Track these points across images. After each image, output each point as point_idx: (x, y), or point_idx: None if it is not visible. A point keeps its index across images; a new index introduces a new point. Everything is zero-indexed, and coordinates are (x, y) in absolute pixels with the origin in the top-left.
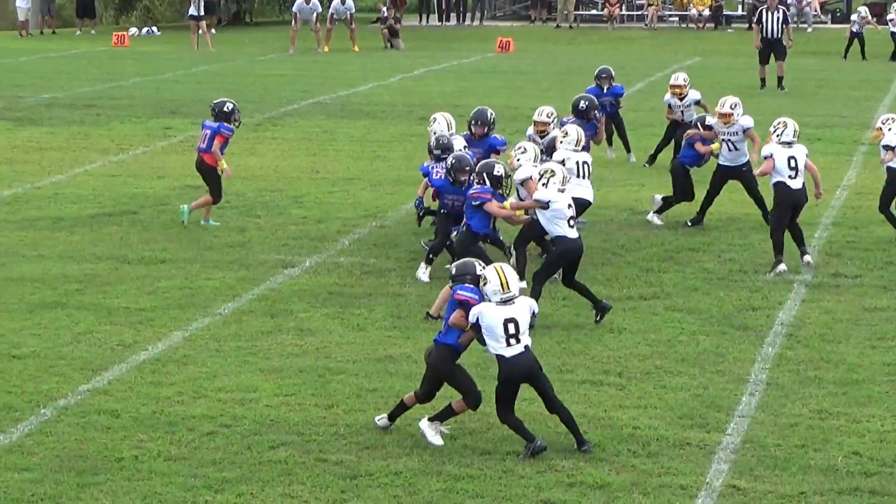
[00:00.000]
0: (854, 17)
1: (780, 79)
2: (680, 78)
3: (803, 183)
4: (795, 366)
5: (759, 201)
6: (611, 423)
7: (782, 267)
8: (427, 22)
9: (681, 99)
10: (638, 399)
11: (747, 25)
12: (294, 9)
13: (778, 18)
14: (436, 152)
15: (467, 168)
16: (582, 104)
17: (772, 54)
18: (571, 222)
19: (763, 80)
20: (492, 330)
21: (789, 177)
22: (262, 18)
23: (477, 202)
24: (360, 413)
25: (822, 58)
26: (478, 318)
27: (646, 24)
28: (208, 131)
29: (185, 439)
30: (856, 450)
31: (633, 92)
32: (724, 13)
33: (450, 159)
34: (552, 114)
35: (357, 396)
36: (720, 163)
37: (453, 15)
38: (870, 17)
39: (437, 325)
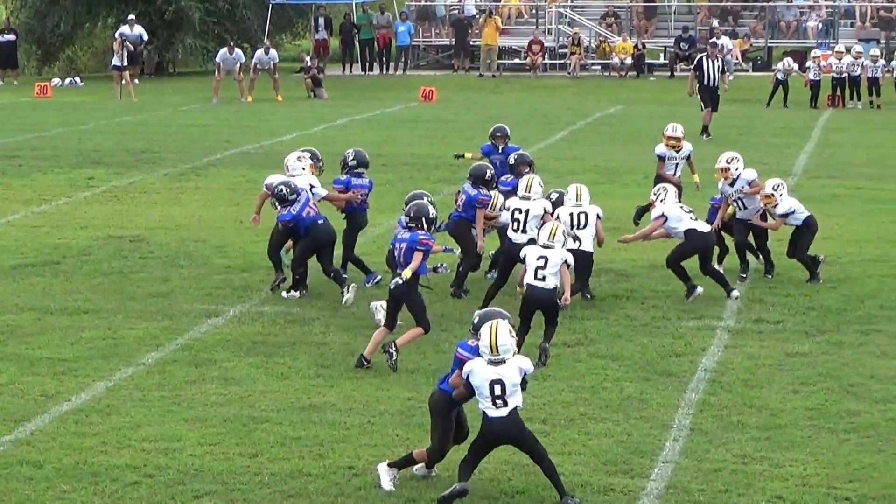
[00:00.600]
0: (780, 65)
1: (705, 127)
2: (678, 129)
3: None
4: (718, 411)
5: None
6: (536, 470)
7: (700, 290)
8: (350, 71)
9: (677, 151)
10: (562, 445)
11: (669, 74)
12: (217, 59)
13: (718, 67)
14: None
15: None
16: (511, 159)
17: (710, 99)
18: (538, 273)
19: (706, 127)
20: (479, 389)
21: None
22: (185, 69)
23: (423, 248)
24: (285, 461)
25: (743, 105)
26: (468, 376)
27: (569, 73)
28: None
29: (108, 490)
30: (779, 494)
31: (556, 140)
32: (646, 62)
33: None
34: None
35: (281, 445)
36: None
37: (376, 64)
38: (794, 67)
39: (365, 373)
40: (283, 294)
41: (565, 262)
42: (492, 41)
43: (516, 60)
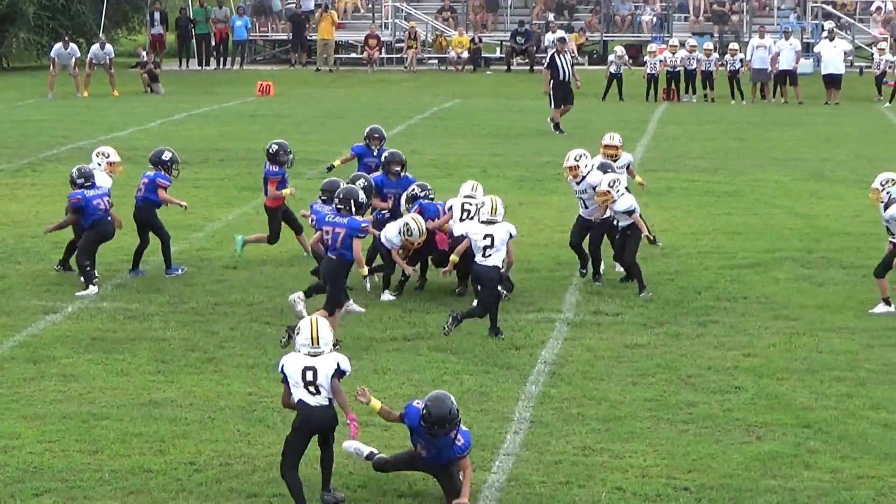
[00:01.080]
0: (611, 57)
1: (557, 124)
2: (615, 138)
3: None
4: (559, 403)
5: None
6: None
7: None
8: (187, 66)
9: (614, 160)
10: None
11: (505, 67)
12: (52, 54)
13: (570, 61)
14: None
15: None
16: (383, 157)
17: (565, 98)
18: (486, 251)
19: (557, 124)
20: (293, 377)
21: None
22: (19, 63)
23: (363, 235)
24: (125, 458)
25: (580, 99)
26: (282, 367)
27: (405, 67)
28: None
29: None
30: (619, 485)
31: (393, 135)
32: (483, 55)
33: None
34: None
35: (122, 441)
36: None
37: (213, 59)
38: (626, 58)
39: (205, 368)
40: (78, 294)
41: (510, 234)
42: (328, 35)
43: (353, 55)
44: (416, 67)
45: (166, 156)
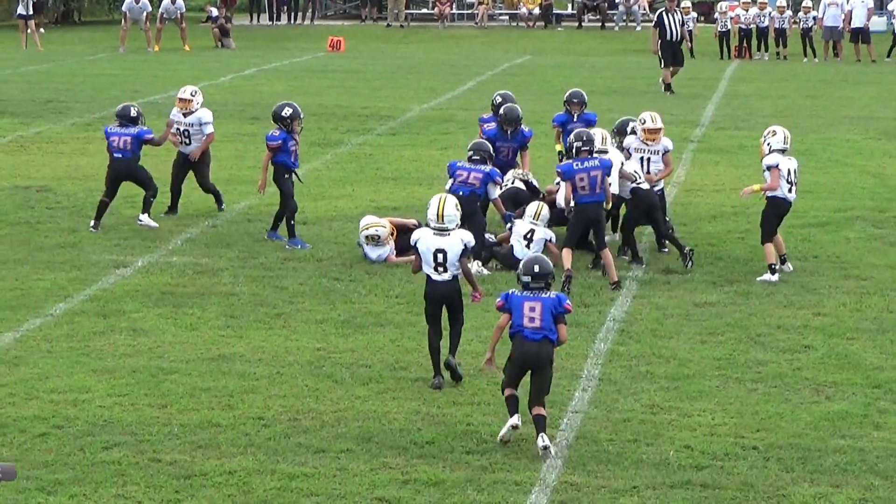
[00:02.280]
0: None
1: (668, 85)
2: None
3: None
4: (627, 361)
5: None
6: (444, 420)
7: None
8: (258, 21)
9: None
10: (472, 396)
11: (577, 24)
12: (124, 8)
13: (679, 21)
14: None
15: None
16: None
17: (674, 58)
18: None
19: (668, 84)
20: (424, 255)
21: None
22: (91, 18)
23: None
24: (194, 412)
25: (651, 56)
26: (416, 243)
27: (476, 23)
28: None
29: (16, 441)
30: (687, 444)
31: (463, 91)
32: (554, 12)
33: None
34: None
35: (190, 396)
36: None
37: (284, 14)
38: (695, 16)
39: (273, 323)
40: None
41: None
42: None
43: (424, 10)
44: (487, 23)
45: (286, 112)
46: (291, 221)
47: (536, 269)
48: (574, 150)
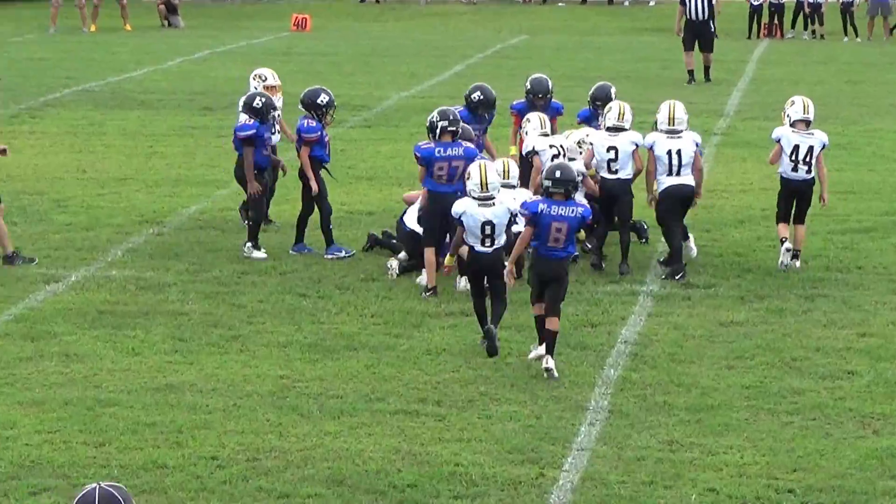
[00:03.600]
0: None
1: (706, 69)
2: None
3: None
4: (641, 390)
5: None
6: (429, 460)
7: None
8: None
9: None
10: (460, 431)
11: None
12: None
13: None
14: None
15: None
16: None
17: (697, 41)
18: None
19: (691, 71)
20: (471, 229)
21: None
22: None
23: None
24: (137, 451)
25: (666, 35)
26: (461, 215)
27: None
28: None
29: None
30: (712, 486)
31: (450, 76)
32: None
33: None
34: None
35: (133, 432)
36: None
37: None
38: None
39: (229, 348)
40: (252, 254)
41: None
42: None
43: None
44: None
45: (322, 98)
46: (329, 226)
47: (558, 174)
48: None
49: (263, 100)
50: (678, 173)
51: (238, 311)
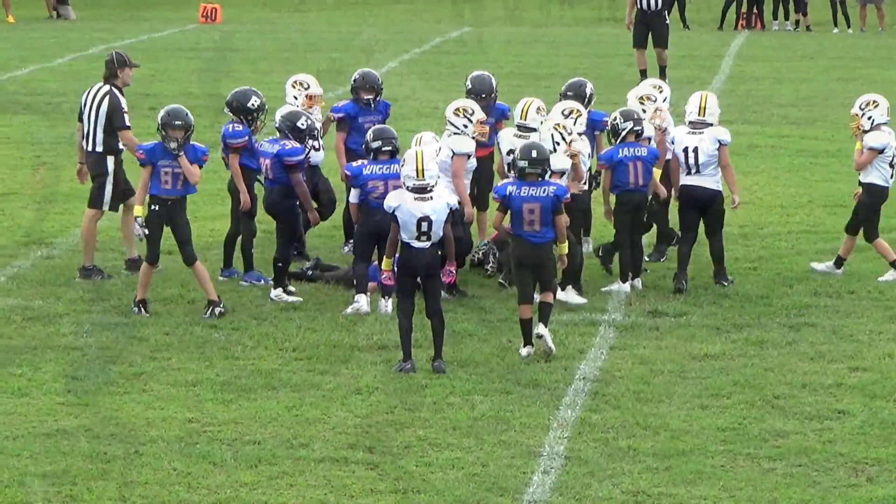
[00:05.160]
0: None
1: (662, 69)
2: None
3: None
4: (603, 433)
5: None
6: None
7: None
8: None
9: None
10: (395, 482)
11: None
12: None
13: None
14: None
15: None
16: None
17: (650, 34)
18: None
19: (643, 71)
20: (406, 225)
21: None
22: None
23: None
24: None
25: (619, 24)
26: (395, 210)
27: None
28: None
29: None
30: None
31: (383, 74)
32: None
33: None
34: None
35: (20, 484)
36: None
37: None
38: None
39: (131, 387)
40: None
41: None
42: None
43: None
44: None
45: (254, 102)
46: (251, 249)
47: (534, 153)
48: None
49: (309, 122)
50: (697, 172)
51: (140, 345)
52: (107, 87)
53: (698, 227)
